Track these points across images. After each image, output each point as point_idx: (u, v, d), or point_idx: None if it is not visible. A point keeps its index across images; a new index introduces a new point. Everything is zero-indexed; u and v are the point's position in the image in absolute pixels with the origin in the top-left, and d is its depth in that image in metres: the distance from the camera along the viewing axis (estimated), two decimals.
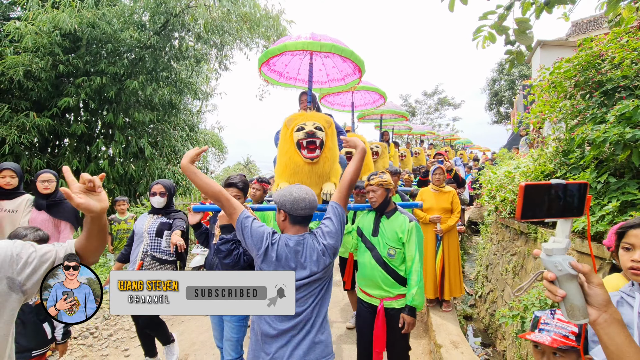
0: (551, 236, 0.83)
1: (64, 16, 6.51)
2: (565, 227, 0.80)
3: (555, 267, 0.77)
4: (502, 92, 23.26)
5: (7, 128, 6.53)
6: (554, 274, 0.77)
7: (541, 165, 3.27)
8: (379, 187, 2.29)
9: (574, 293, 0.75)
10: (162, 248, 2.71)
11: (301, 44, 2.46)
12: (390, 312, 2.23)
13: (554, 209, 0.79)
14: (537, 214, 0.80)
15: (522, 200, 0.78)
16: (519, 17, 2.07)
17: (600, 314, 0.74)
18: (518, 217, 0.80)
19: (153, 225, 2.74)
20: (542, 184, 0.78)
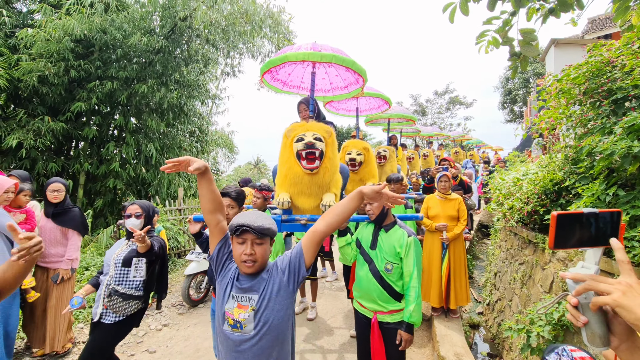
0: (579, 261, 0.82)
1: (74, 22, 6.66)
2: (596, 254, 0.78)
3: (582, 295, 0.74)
4: (516, 90, 22.76)
5: (24, 132, 6.74)
6: (578, 300, 0.75)
7: (550, 174, 3.18)
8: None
9: (597, 321, 0.74)
10: (129, 279, 2.34)
11: (302, 54, 2.45)
12: (385, 325, 2.22)
13: (586, 238, 0.78)
14: (569, 243, 0.79)
15: (554, 230, 0.78)
16: (524, 28, 2.01)
17: (622, 342, 0.72)
18: (551, 246, 0.79)
19: (122, 254, 2.38)
20: (574, 213, 0.77)
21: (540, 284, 3.00)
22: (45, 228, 3.17)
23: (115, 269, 2.33)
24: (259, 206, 3.40)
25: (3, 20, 6.91)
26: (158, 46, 7.83)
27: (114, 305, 2.27)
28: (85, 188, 8.11)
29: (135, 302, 2.35)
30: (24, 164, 6.93)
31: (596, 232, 0.78)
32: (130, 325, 2.38)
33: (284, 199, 2.37)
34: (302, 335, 3.58)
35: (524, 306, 3.25)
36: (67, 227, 3.25)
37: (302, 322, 3.87)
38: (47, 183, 3.25)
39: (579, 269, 0.79)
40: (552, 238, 0.78)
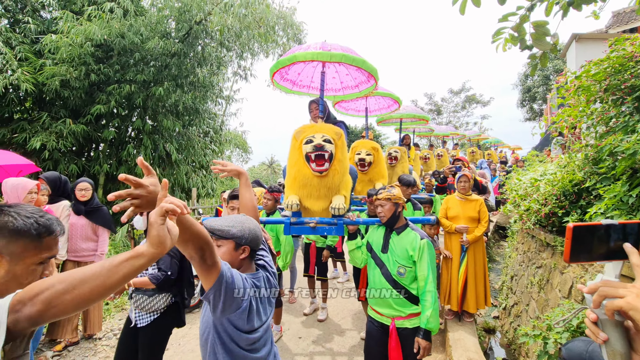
0: (598, 274, 0.76)
1: (94, 28, 6.87)
2: (616, 266, 0.73)
3: (599, 310, 0.70)
4: (535, 87, 22.07)
5: (46, 135, 7.01)
6: (597, 315, 0.70)
7: (569, 174, 3.06)
8: (387, 202, 2.21)
9: (618, 338, 0.69)
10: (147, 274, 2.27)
11: (310, 54, 2.44)
12: (402, 332, 2.15)
13: (605, 251, 0.72)
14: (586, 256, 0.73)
15: (570, 243, 0.72)
16: (537, 21, 1.93)
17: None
18: (566, 259, 0.74)
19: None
20: (592, 225, 0.72)
21: (559, 289, 2.89)
22: (77, 225, 3.39)
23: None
24: (269, 208, 3.41)
25: (29, 28, 7.20)
26: (174, 50, 7.99)
27: (141, 304, 2.22)
28: (105, 188, 8.37)
29: (163, 295, 2.26)
30: (47, 165, 7.21)
31: (616, 245, 0.72)
32: (167, 321, 2.30)
33: (293, 202, 2.37)
34: (312, 336, 3.57)
35: (541, 311, 3.14)
36: (97, 224, 3.47)
37: (313, 323, 3.86)
38: (75, 183, 3.48)
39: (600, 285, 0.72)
40: (568, 251, 0.73)
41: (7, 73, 6.35)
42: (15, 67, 6.50)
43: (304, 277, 3.96)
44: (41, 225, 0.93)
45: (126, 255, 0.76)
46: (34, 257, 0.91)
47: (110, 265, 0.74)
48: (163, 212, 0.78)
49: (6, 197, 2.59)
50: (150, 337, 2.25)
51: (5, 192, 2.65)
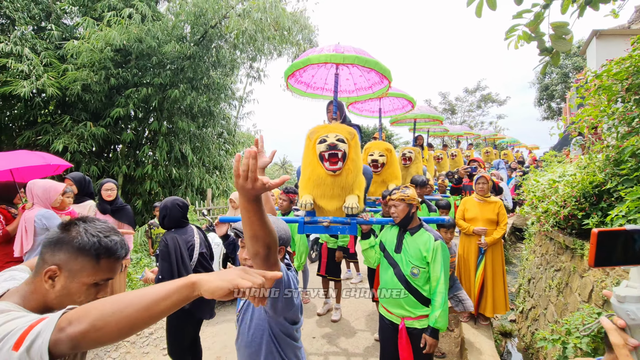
0: (624, 280, 0.78)
1: (114, 33, 7.09)
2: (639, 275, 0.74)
3: (627, 316, 0.72)
4: (554, 85, 21.47)
5: (68, 137, 7.27)
6: (624, 321, 0.72)
7: (589, 175, 2.98)
8: (400, 202, 2.22)
9: None
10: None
11: (324, 56, 2.47)
12: (412, 331, 2.17)
13: (630, 256, 0.74)
14: (611, 261, 0.76)
15: (594, 248, 0.75)
16: (556, 22, 1.90)
17: None
18: (591, 264, 0.77)
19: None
20: (616, 231, 0.75)
21: (579, 293, 2.82)
22: None
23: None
24: (284, 208, 3.45)
25: (52, 34, 7.48)
26: (189, 53, 8.16)
27: None
28: (124, 189, 8.61)
29: None
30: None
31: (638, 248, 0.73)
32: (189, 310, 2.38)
33: (307, 201, 2.40)
34: (326, 337, 3.60)
35: (560, 315, 3.07)
36: (123, 222, 3.65)
37: (327, 323, 3.88)
38: (101, 183, 3.66)
39: (624, 288, 0.75)
40: (593, 256, 0.76)
41: (33, 78, 6.61)
42: (41, 72, 6.76)
43: (317, 276, 3.99)
44: (102, 246, 0.89)
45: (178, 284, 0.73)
46: (89, 277, 0.88)
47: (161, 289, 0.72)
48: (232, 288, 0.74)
49: (35, 200, 2.69)
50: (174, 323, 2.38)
51: (34, 194, 2.76)
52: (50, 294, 0.87)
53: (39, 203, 2.70)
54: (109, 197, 3.59)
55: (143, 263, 5.62)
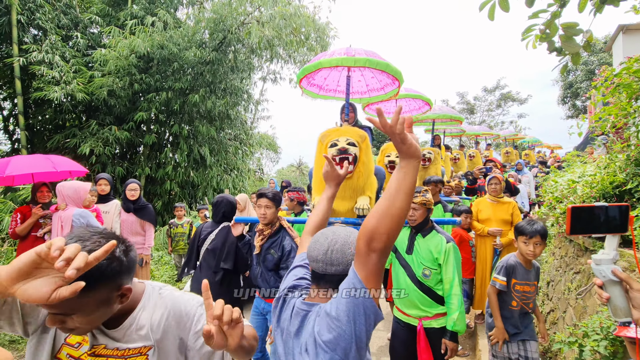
0: (601, 249, 1.00)
1: (139, 41, 7.40)
2: (612, 241, 0.96)
3: (600, 274, 0.93)
4: (578, 83, 20.69)
5: (94, 141, 7.64)
6: (600, 280, 0.94)
7: (609, 175, 2.91)
8: (420, 207, 2.24)
9: (617, 296, 0.90)
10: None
11: (335, 60, 2.53)
12: (430, 331, 2.18)
13: (599, 226, 0.97)
14: (584, 230, 0.99)
15: (569, 220, 0.98)
16: (566, 22, 1.89)
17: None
18: (567, 232, 1.00)
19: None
20: (586, 206, 0.97)
21: (597, 296, 2.75)
22: (127, 221, 3.81)
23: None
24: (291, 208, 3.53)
25: (79, 42, 7.88)
26: (209, 58, 8.40)
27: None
28: (146, 190, 8.94)
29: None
30: (96, 168, 7.84)
31: (606, 221, 0.95)
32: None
33: None
34: None
35: (579, 319, 3.00)
36: (145, 220, 3.90)
37: None
38: (125, 184, 3.91)
39: (600, 255, 0.96)
40: (569, 226, 0.98)
41: (63, 84, 7.00)
42: (71, 78, 7.15)
43: None
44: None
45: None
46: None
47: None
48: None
49: (67, 200, 2.88)
50: None
51: (65, 195, 2.96)
52: None
53: (71, 203, 2.89)
54: (133, 196, 3.81)
55: (164, 260, 5.83)
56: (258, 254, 2.49)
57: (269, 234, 2.47)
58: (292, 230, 2.52)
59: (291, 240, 2.44)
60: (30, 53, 6.94)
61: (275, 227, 2.49)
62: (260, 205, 2.44)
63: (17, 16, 7.14)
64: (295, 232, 2.53)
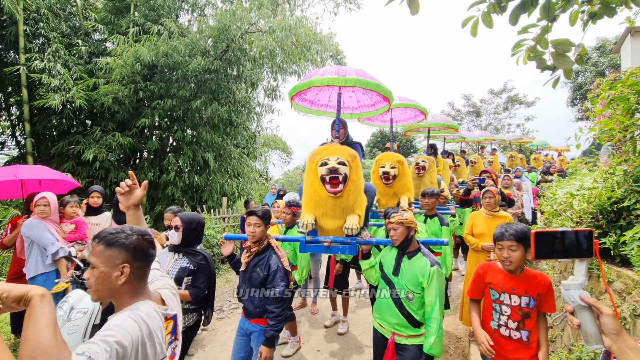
0: (570, 275, 1.01)
1: (144, 50, 7.49)
2: (580, 267, 0.97)
3: (570, 299, 0.94)
4: (587, 84, 20.30)
5: (98, 147, 7.73)
6: (571, 306, 0.94)
7: (607, 190, 2.82)
8: (399, 225, 2.22)
9: (587, 322, 0.89)
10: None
11: (327, 79, 2.52)
12: (399, 345, 2.23)
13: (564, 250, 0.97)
14: (550, 254, 0.98)
15: (534, 244, 0.98)
16: (556, 39, 1.83)
17: (613, 342, 0.84)
18: (533, 257, 0.99)
19: (172, 270, 2.39)
20: (550, 231, 0.97)
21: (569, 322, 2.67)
22: None
23: None
24: (288, 222, 3.51)
25: (81, 50, 8.01)
26: (213, 67, 8.47)
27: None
28: (148, 195, 9.02)
29: (193, 314, 2.44)
30: (99, 174, 7.94)
31: (572, 246, 0.96)
32: (191, 335, 2.51)
33: (308, 221, 2.44)
34: (330, 349, 3.60)
35: (576, 339, 2.91)
36: None
37: (333, 336, 3.88)
38: (116, 196, 3.79)
39: (569, 280, 0.97)
40: (533, 251, 0.98)
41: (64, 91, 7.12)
42: (71, 85, 7.27)
43: (324, 288, 4.00)
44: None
45: None
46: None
47: None
48: None
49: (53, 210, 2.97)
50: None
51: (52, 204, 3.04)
52: None
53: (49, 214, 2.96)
54: None
55: None
56: (244, 270, 2.47)
57: (256, 252, 2.46)
58: (280, 250, 2.51)
59: (278, 260, 2.42)
60: (33, 62, 7.07)
61: (263, 245, 2.48)
62: (250, 223, 2.44)
63: (23, 27, 7.29)
64: (282, 252, 2.51)
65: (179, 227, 2.43)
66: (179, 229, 2.43)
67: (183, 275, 2.37)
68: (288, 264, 2.47)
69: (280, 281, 2.34)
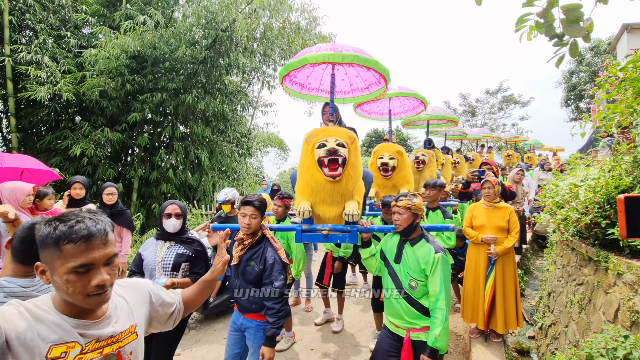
0: None
1: (129, 40, 7.28)
2: None
3: None
4: (582, 84, 20.42)
5: (86, 142, 7.50)
6: None
7: (615, 179, 2.69)
8: (405, 211, 2.06)
9: None
10: None
11: (322, 56, 2.34)
12: (417, 344, 2.02)
13: None
14: None
15: (624, 215, 0.69)
16: (568, 4, 1.68)
17: None
18: (623, 235, 0.71)
19: (168, 257, 2.31)
20: None
21: (603, 311, 2.53)
22: None
23: (164, 272, 2.26)
24: (280, 215, 3.34)
25: (70, 43, 7.78)
26: (201, 57, 8.27)
27: None
28: (139, 192, 8.78)
29: None
30: (86, 169, 7.70)
31: None
32: (183, 326, 2.42)
33: (305, 208, 2.27)
34: (324, 348, 3.42)
35: (582, 335, 2.77)
36: (122, 226, 3.69)
37: (327, 334, 3.70)
38: (102, 187, 3.66)
39: None
40: (624, 225, 0.69)
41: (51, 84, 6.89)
42: (58, 78, 7.03)
43: (316, 285, 3.79)
44: (57, 233, 0.87)
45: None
46: (62, 266, 0.87)
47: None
48: None
49: (4, 201, 2.72)
50: (169, 340, 2.29)
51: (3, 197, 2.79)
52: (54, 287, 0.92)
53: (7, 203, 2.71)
54: (110, 200, 3.61)
55: None
56: (236, 265, 2.27)
57: (250, 244, 2.25)
58: (276, 241, 2.31)
59: (274, 252, 2.22)
60: (19, 53, 6.83)
61: (257, 237, 2.26)
62: (245, 214, 2.21)
63: (8, 17, 7.05)
64: (279, 243, 2.32)
65: (180, 215, 2.36)
66: (180, 216, 2.36)
67: (181, 260, 2.32)
68: (285, 256, 2.28)
69: (278, 275, 2.15)
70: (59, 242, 0.86)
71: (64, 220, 0.89)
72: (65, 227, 0.87)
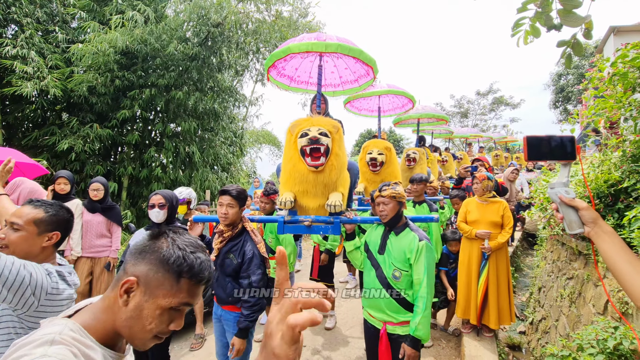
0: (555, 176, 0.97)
1: (117, 35, 7.15)
2: (564, 170, 1.04)
3: (555, 196, 1.01)
4: (570, 87, 20.80)
5: (74, 138, 7.33)
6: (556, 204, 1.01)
7: (604, 174, 2.71)
8: (390, 200, 2.04)
9: (569, 212, 0.98)
10: None
11: (305, 45, 2.30)
12: (394, 337, 2.00)
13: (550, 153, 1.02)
14: (539, 156, 1.03)
15: (526, 147, 1.03)
16: None
17: (591, 229, 0.95)
18: (526, 159, 1.04)
19: None
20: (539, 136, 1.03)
21: (593, 304, 2.55)
22: (92, 222, 3.55)
23: None
24: (267, 211, 3.29)
25: (58, 37, 7.61)
26: (192, 53, 8.17)
27: None
28: (129, 191, 8.61)
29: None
30: (74, 166, 7.52)
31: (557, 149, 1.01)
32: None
33: (287, 199, 2.23)
34: (316, 344, 3.39)
35: (572, 328, 2.79)
36: (113, 221, 3.67)
37: (320, 330, 3.67)
38: (89, 182, 3.62)
39: (555, 181, 1.04)
40: (526, 153, 1.03)
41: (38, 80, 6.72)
42: (45, 73, 6.86)
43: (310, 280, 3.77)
44: (186, 263, 0.77)
45: None
46: (165, 297, 0.76)
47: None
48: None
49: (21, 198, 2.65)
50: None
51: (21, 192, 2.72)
52: (121, 314, 0.77)
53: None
54: (95, 197, 3.54)
55: None
56: (216, 256, 2.23)
57: (229, 237, 2.21)
58: (256, 235, 2.27)
59: (253, 246, 2.19)
60: (4, 47, 6.65)
61: (237, 229, 2.23)
62: (222, 203, 2.19)
63: None
64: (259, 237, 2.28)
65: (164, 205, 2.33)
66: (164, 206, 2.33)
67: None
68: (265, 250, 2.25)
69: (256, 269, 2.13)
70: (181, 272, 0.77)
71: (192, 249, 0.81)
72: (196, 260, 0.79)
